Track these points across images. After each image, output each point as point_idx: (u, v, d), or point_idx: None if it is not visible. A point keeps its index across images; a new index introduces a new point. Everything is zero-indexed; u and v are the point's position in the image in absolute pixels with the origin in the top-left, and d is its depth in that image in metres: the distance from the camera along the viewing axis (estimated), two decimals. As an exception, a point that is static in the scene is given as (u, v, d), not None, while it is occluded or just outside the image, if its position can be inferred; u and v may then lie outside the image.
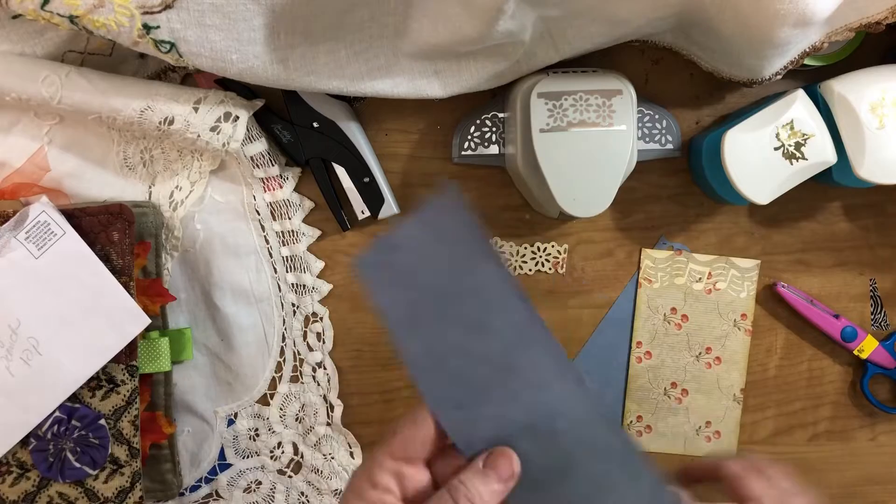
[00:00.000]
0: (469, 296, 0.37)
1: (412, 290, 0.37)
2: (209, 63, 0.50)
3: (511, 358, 0.37)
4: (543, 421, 0.37)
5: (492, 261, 0.37)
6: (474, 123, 0.59)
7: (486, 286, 0.37)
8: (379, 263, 0.38)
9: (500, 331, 0.37)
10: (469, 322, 0.37)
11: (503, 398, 0.37)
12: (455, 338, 0.37)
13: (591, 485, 0.37)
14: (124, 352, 0.55)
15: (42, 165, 0.58)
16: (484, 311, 0.37)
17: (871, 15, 0.51)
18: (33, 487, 0.55)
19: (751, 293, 0.62)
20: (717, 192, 0.58)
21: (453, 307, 0.37)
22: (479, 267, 0.37)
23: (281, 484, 0.63)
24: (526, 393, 0.37)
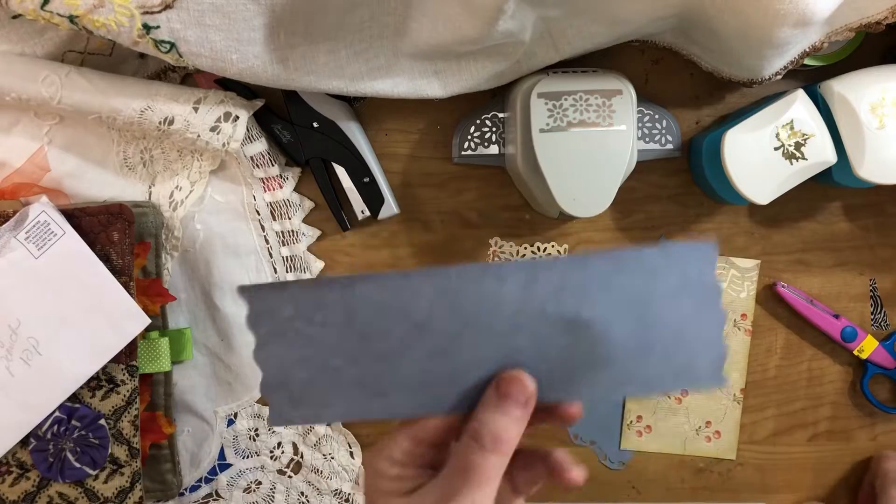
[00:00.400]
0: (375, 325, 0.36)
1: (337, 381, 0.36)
2: (209, 63, 0.50)
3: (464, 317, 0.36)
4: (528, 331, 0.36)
5: (349, 284, 0.36)
6: (474, 123, 0.59)
7: (374, 302, 0.36)
8: (289, 404, 0.36)
9: (428, 312, 0.36)
10: (401, 337, 0.36)
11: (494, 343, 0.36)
12: (411, 357, 0.36)
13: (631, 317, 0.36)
14: (124, 352, 0.55)
15: (42, 165, 0.58)
16: (400, 318, 0.36)
17: (871, 15, 0.51)
18: (33, 487, 0.55)
19: (751, 293, 0.62)
20: (717, 192, 0.58)
21: (378, 344, 0.36)
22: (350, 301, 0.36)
23: (281, 484, 0.63)
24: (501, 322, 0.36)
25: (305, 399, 0.36)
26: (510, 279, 0.35)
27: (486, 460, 0.34)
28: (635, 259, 0.36)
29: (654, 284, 0.36)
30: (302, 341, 0.36)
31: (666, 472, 0.64)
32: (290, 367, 0.36)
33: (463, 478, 0.33)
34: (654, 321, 0.36)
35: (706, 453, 0.64)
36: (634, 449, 0.64)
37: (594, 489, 0.64)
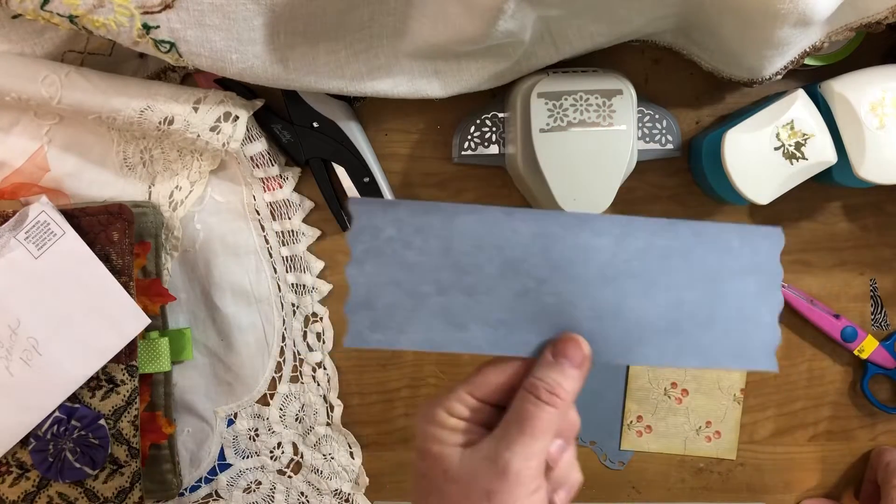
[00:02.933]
0: (472, 259, 0.37)
1: (422, 308, 0.37)
2: (209, 63, 0.50)
3: (551, 262, 0.37)
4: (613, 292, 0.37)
5: (454, 214, 0.37)
6: (474, 123, 0.59)
7: (475, 237, 0.37)
8: (369, 326, 0.37)
9: (523, 254, 0.37)
10: (496, 275, 0.37)
11: (577, 292, 0.37)
12: (499, 295, 0.37)
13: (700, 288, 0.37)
14: (124, 352, 0.55)
15: (42, 165, 0.58)
16: (496, 255, 0.37)
17: (871, 15, 0.51)
18: (33, 487, 0.55)
19: None
20: (717, 192, 0.58)
21: (470, 278, 0.37)
22: (451, 230, 0.37)
23: (281, 484, 0.63)
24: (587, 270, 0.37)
25: (386, 323, 0.36)
26: (605, 235, 0.37)
27: (541, 411, 0.35)
28: (715, 234, 0.38)
29: (726, 261, 0.38)
30: (397, 263, 0.36)
31: (666, 472, 0.64)
32: (379, 288, 0.36)
33: (519, 428, 0.34)
34: (721, 297, 0.38)
35: (706, 453, 0.64)
36: (634, 449, 0.64)
37: (594, 489, 0.64)
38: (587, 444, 0.63)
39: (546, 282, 0.37)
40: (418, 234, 0.36)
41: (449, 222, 0.37)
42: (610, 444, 0.63)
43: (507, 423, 0.35)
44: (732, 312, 0.38)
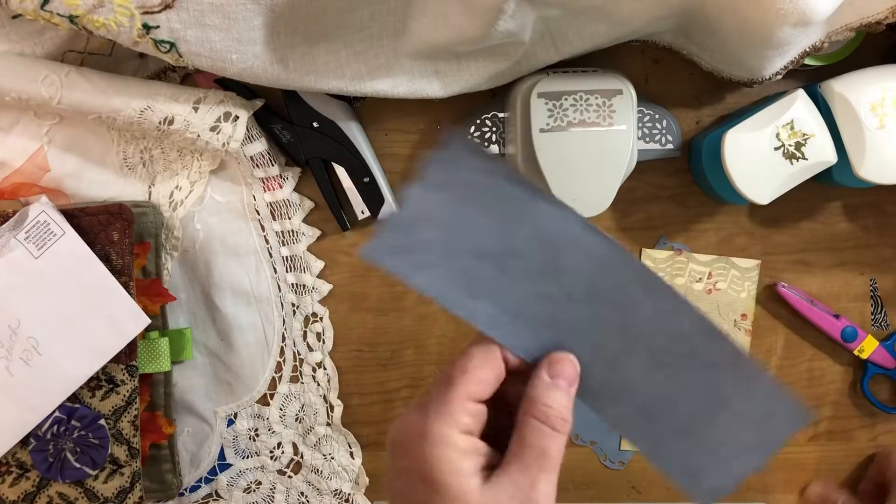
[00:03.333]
0: (527, 245, 0.36)
1: (453, 261, 0.36)
2: (209, 63, 0.50)
3: (592, 289, 0.36)
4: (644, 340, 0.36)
5: (537, 198, 0.36)
6: (474, 123, 0.59)
7: (544, 229, 0.36)
8: (395, 247, 0.35)
9: (575, 268, 0.36)
10: (537, 269, 0.36)
11: (592, 326, 0.36)
12: (526, 288, 0.36)
13: (699, 400, 0.36)
14: (124, 352, 0.55)
15: (42, 165, 0.58)
16: (551, 254, 0.36)
17: (871, 15, 0.51)
18: (33, 487, 0.55)
19: (751, 293, 0.62)
20: (717, 192, 0.58)
21: (514, 261, 0.36)
22: (526, 211, 0.36)
23: (281, 484, 0.63)
24: (616, 316, 0.36)
25: (411, 255, 0.35)
26: (653, 299, 0.36)
27: (557, 443, 0.34)
28: (749, 373, 0.36)
29: (742, 400, 0.36)
30: (459, 209, 0.35)
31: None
32: (427, 220, 0.35)
33: (539, 465, 0.34)
34: (712, 423, 0.36)
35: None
36: (634, 449, 0.64)
37: (594, 489, 0.64)
38: (587, 444, 0.63)
39: (574, 302, 0.36)
40: (495, 195, 0.35)
41: (530, 201, 0.35)
42: (610, 444, 0.63)
43: (524, 457, 0.34)
44: (712, 440, 0.36)
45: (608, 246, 0.36)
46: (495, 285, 0.36)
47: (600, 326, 0.36)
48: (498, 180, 0.36)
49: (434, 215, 0.35)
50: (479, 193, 0.36)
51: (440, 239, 0.35)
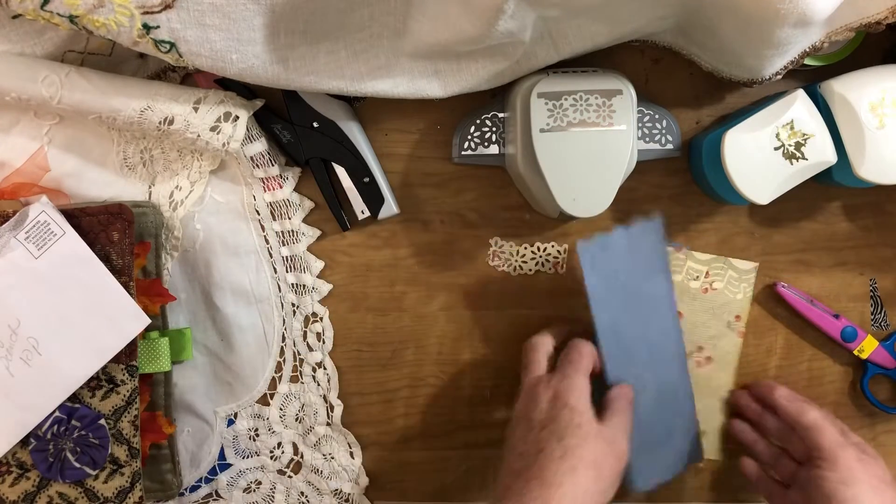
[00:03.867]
0: (644, 297, 0.56)
1: (610, 280, 0.54)
2: (209, 63, 0.50)
3: (654, 342, 0.57)
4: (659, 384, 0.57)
5: (665, 276, 0.57)
6: (474, 123, 0.59)
7: (656, 294, 0.57)
8: (594, 253, 0.54)
9: (655, 325, 0.57)
10: (639, 314, 0.56)
11: (640, 364, 0.56)
12: (628, 321, 0.55)
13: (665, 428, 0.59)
14: (124, 352, 0.55)
15: (42, 165, 0.58)
16: (650, 309, 0.57)
17: (871, 15, 0.51)
18: (33, 487, 0.55)
19: (747, 295, 0.62)
20: (717, 192, 0.58)
21: (632, 301, 0.55)
22: (655, 279, 0.56)
23: (281, 484, 0.63)
24: (655, 365, 0.57)
25: (599, 267, 0.55)
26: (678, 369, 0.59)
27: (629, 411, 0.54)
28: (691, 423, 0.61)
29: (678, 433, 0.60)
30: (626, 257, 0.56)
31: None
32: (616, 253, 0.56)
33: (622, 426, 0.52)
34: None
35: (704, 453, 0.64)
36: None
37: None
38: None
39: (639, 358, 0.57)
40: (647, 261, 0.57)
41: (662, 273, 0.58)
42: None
43: (615, 417, 0.52)
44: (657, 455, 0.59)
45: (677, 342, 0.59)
46: (615, 307, 0.55)
47: (644, 380, 0.56)
48: (656, 255, 0.56)
49: (619, 251, 0.55)
50: (644, 255, 0.56)
51: (612, 265, 0.55)
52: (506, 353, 0.63)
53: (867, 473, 0.51)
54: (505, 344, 0.62)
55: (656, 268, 0.56)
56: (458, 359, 0.63)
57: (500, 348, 0.63)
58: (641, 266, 0.55)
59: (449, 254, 0.62)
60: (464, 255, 0.62)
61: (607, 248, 0.54)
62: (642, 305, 0.56)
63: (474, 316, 0.62)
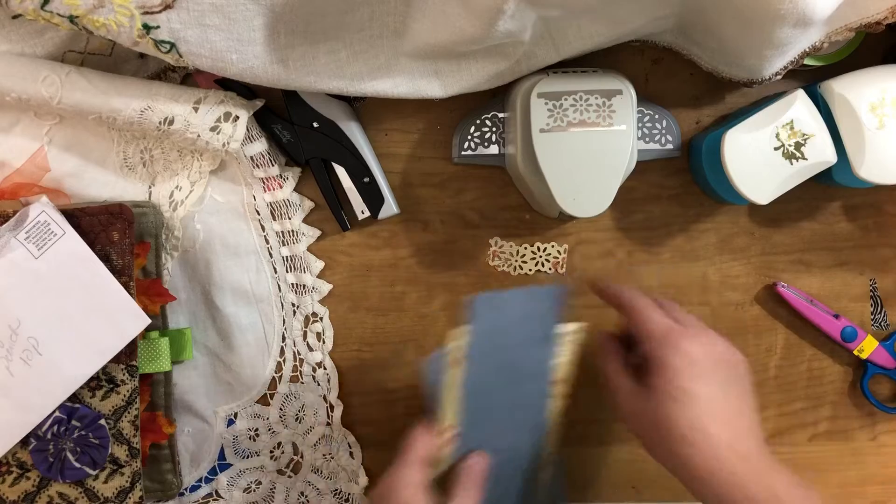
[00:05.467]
0: (523, 364, 0.52)
1: (493, 339, 0.51)
2: (209, 63, 0.50)
3: (520, 410, 0.54)
4: (508, 448, 0.54)
5: (549, 347, 0.53)
6: (474, 123, 0.59)
7: (535, 363, 0.53)
8: (484, 308, 0.50)
9: (526, 394, 0.53)
10: (513, 379, 0.52)
11: (499, 429, 0.53)
12: (498, 383, 0.52)
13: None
14: (124, 352, 0.55)
15: (42, 165, 0.58)
16: (525, 377, 0.53)
17: (871, 15, 0.51)
18: (33, 487, 0.55)
19: (569, 358, 0.54)
20: (717, 192, 0.58)
21: (510, 365, 0.52)
22: (538, 348, 0.53)
23: (281, 484, 0.63)
24: (515, 433, 0.54)
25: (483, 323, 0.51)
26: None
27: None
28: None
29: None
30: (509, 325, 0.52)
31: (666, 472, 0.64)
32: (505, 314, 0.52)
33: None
34: None
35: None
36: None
37: (594, 489, 0.64)
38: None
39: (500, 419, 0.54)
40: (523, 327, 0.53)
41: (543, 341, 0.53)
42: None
43: (459, 496, 0.50)
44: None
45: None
46: (491, 360, 0.51)
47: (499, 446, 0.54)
48: (547, 323, 0.52)
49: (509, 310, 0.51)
50: (534, 319, 0.52)
51: (500, 322, 0.51)
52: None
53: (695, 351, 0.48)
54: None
55: (542, 337, 0.52)
56: (458, 359, 0.63)
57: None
58: (529, 332, 0.52)
59: (449, 254, 0.62)
60: (464, 255, 0.62)
61: (499, 307, 0.51)
62: (519, 371, 0.53)
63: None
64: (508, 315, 0.51)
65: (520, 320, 0.51)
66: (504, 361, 0.52)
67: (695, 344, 0.48)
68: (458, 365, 0.50)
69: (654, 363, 0.48)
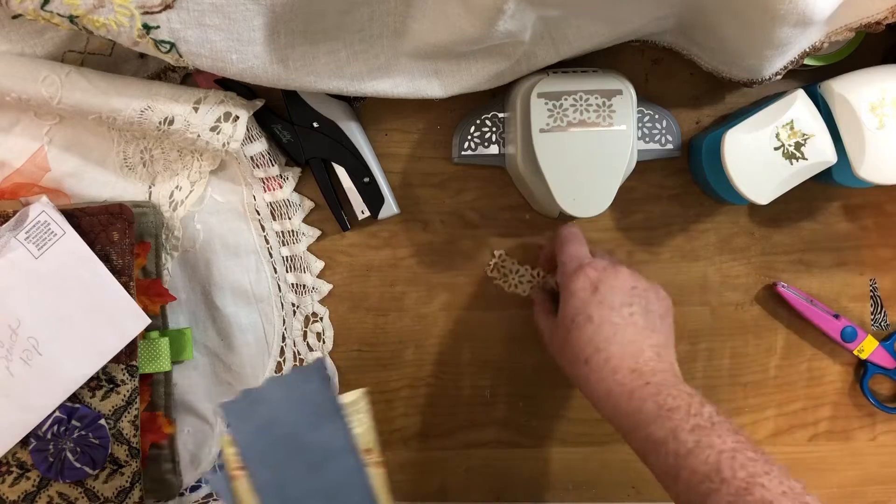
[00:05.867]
0: (314, 446, 0.49)
1: (265, 434, 0.48)
2: (209, 63, 0.50)
3: (335, 493, 0.49)
4: None
5: (337, 420, 0.49)
6: (474, 123, 0.59)
7: (329, 441, 0.49)
8: (240, 409, 0.48)
9: (333, 474, 0.49)
10: (310, 465, 0.48)
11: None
12: (294, 475, 0.48)
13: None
14: (124, 352, 0.55)
15: (42, 165, 0.58)
16: (323, 458, 0.48)
17: (871, 15, 0.51)
18: (33, 487, 0.55)
19: (366, 425, 0.50)
20: (717, 192, 0.58)
21: (299, 452, 0.48)
22: (325, 426, 0.49)
23: (281, 484, 0.63)
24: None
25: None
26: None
27: None
28: None
29: None
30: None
31: (666, 472, 0.64)
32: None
33: None
34: None
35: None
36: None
37: (594, 489, 0.64)
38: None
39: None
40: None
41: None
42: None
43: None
44: None
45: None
46: (281, 475, 0.48)
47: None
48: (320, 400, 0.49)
49: (275, 402, 0.49)
50: (306, 402, 0.49)
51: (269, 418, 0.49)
52: (506, 354, 0.63)
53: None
54: (505, 344, 0.62)
55: (326, 414, 0.49)
56: (458, 359, 0.63)
57: (500, 348, 0.63)
58: (307, 415, 0.49)
59: (449, 254, 0.62)
60: (464, 255, 0.62)
61: (257, 402, 0.49)
62: (313, 455, 0.49)
63: (474, 316, 0.62)
64: (272, 407, 0.49)
65: (290, 407, 0.49)
66: (292, 452, 0.49)
67: (599, 273, 0.50)
68: (239, 476, 0.47)
69: (563, 293, 0.51)
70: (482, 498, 0.64)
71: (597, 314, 0.48)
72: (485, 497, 0.64)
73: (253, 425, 0.48)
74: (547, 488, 0.64)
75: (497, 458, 0.64)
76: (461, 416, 0.63)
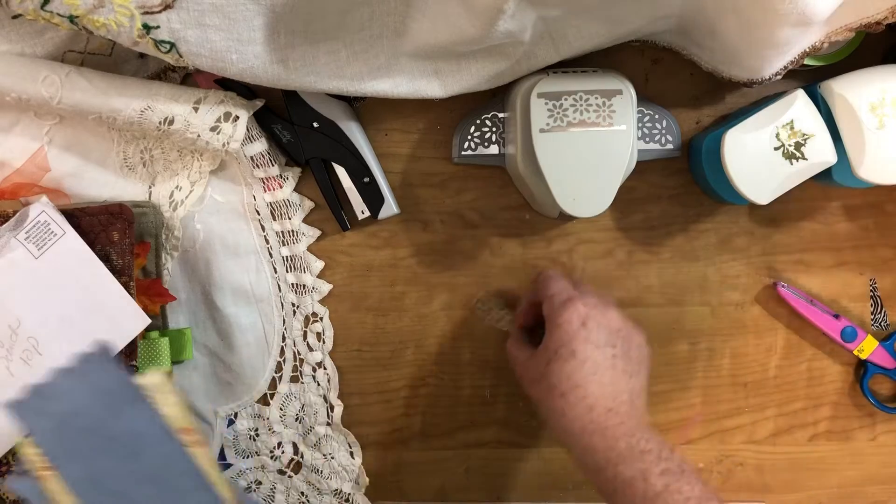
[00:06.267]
0: (122, 434, 0.46)
1: (65, 428, 0.45)
2: (209, 63, 0.50)
3: (160, 477, 0.46)
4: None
5: (138, 405, 0.46)
6: (474, 123, 0.59)
7: (136, 427, 0.46)
8: (32, 407, 0.45)
9: (150, 459, 0.46)
10: (122, 453, 0.45)
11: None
12: (109, 466, 0.45)
13: None
14: (124, 352, 0.55)
15: (42, 165, 0.58)
16: (137, 445, 0.46)
17: (871, 15, 0.51)
18: (33, 487, 0.55)
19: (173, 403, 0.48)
20: (717, 192, 0.58)
21: (106, 442, 0.45)
22: (127, 412, 0.46)
23: (281, 484, 0.63)
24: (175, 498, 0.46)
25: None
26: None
27: None
28: None
29: None
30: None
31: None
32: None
33: None
34: None
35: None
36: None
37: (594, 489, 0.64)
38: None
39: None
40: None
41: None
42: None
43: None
44: None
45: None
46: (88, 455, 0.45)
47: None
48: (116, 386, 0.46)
49: (67, 397, 0.46)
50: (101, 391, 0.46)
51: (65, 415, 0.45)
52: (506, 354, 0.62)
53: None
54: (505, 344, 0.62)
55: (122, 398, 0.47)
56: (458, 359, 0.63)
57: (500, 348, 0.63)
58: (103, 402, 0.47)
59: (449, 254, 0.62)
60: (464, 255, 0.62)
61: (51, 397, 0.46)
62: (123, 442, 0.46)
63: (474, 316, 0.62)
64: (67, 400, 0.46)
65: (86, 397, 0.46)
66: (100, 442, 0.46)
67: (587, 309, 0.50)
68: (48, 476, 0.44)
69: (549, 325, 0.51)
70: (482, 498, 0.64)
71: (581, 350, 0.48)
72: (485, 497, 0.64)
73: (52, 421, 0.45)
74: (547, 488, 0.64)
75: (497, 458, 0.64)
76: (461, 416, 0.63)
